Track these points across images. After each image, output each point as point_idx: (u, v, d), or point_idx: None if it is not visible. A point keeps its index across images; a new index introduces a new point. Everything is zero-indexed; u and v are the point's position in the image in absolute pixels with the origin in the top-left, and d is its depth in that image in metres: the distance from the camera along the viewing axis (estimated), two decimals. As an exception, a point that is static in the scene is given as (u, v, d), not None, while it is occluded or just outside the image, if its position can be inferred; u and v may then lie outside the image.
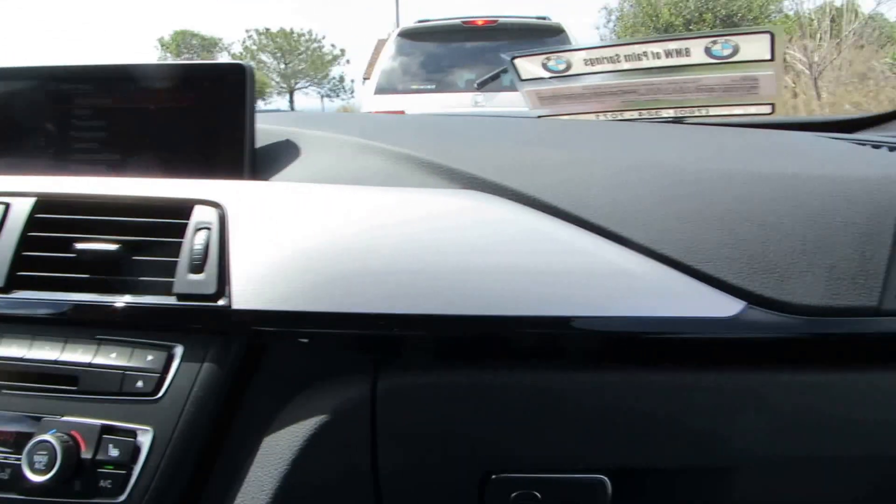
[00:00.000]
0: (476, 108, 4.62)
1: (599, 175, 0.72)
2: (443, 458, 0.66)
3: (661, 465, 0.67)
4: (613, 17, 20.66)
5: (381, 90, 4.93)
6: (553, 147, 0.84)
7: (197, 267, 0.65)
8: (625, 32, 19.67)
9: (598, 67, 1.10)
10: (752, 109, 1.09)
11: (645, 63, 1.06)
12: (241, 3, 71.12)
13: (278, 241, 0.65)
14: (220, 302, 0.63)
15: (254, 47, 38.03)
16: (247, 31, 47.51)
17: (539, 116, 1.25)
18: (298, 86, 38.98)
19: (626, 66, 1.07)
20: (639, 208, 0.67)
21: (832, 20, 12.70)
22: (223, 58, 39.01)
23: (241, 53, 38.02)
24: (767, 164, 0.76)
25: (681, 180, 0.71)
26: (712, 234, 0.65)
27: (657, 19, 18.51)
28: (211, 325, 0.65)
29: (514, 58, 1.16)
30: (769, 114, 1.09)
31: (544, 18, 5.29)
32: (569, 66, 1.12)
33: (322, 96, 39.89)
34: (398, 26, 5.48)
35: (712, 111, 1.13)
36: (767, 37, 0.95)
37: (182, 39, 37.84)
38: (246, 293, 0.63)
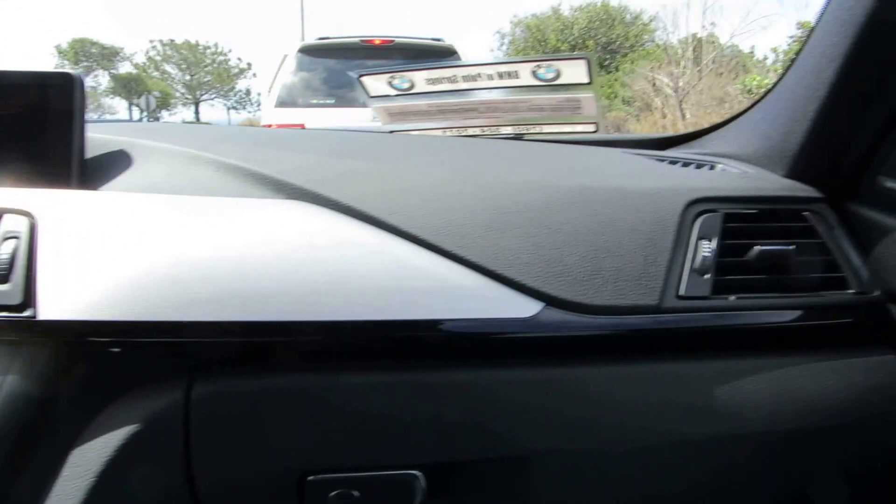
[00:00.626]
0: (374, 122, 4.70)
1: (415, 187, 0.76)
2: (259, 462, 0.67)
3: (471, 457, 0.71)
4: (506, 41, 21.43)
5: (281, 104, 5.03)
6: (377, 160, 0.88)
7: (2, 277, 0.63)
8: (517, 54, 20.44)
9: (438, 87, 1.16)
10: (580, 128, 1.19)
11: (480, 84, 1.13)
12: (146, 14, 67.61)
13: (91, 250, 0.65)
14: (26, 313, 0.62)
15: (158, 58, 36.82)
16: (151, 41, 45.58)
17: (392, 132, 1.30)
18: (204, 97, 38.08)
19: (464, 85, 1.14)
20: (450, 218, 0.72)
21: (694, 49, 13.80)
22: (125, 67, 36.84)
23: (145, 63, 36.57)
24: (568, 178, 0.84)
25: (489, 192, 0.77)
26: (514, 241, 0.71)
27: (545, 44, 19.40)
28: (16, 336, 0.64)
29: (360, 76, 1.19)
30: (594, 132, 1.20)
31: (438, 40, 5.56)
32: (412, 85, 1.17)
33: (228, 108, 39.01)
34: (314, 40, 5.57)
35: (546, 129, 1.22)
36: (584, 62, 1.05)
37: (80, 47, 35.71)
38: (53, 303, 0.62)
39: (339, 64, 5.20)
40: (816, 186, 0.87)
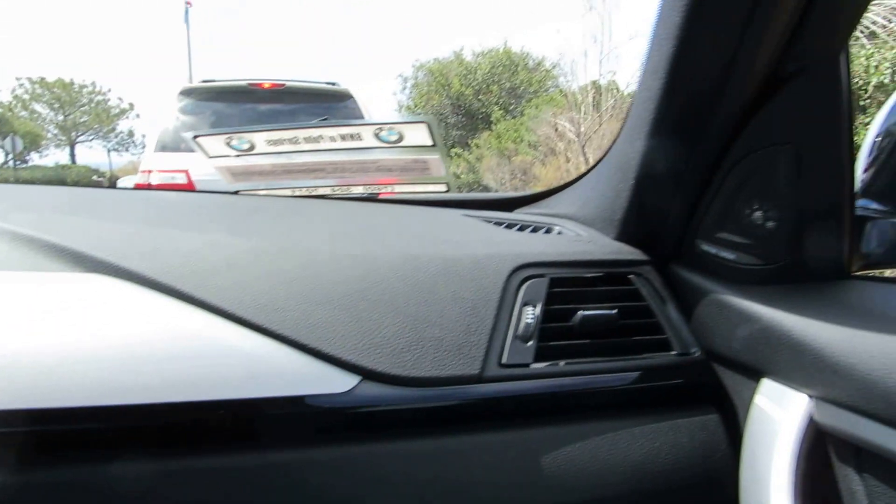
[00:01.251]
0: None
1: (229, 258, 0.72)
2: None
3: None
4: (409, 85, 21.74)
5: (162, 148, 4.67)
6: (194, 229, 0.82)
7: None
8: (420, 99, 20.75)
9: (280, 148, 1.11)
10: (431, 188, 1.17)
11: (323, 145, 1.09)
12: (19, 51, 63.82)
13: None
14: None
15: (26, 96, 34.31)
16: (17, 78, 42.57)
17: (237, 192, 1.23)
18: (81, 139, 35.83)
19: (306, 147, 1.09)
20: (263, 291, 0.68)
21: (594, 96, 14.49)
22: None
23: (11, 102, 34.10)
24: (394, 247, 0.81)
25: (307, 264, 0.73)
26: (330, 314, 0.68)
27: (448, 88, 19.82)
28: None
29: (195, 136, 1.13)
30: (446, 191, 1.18)
31: (333, 84, 5.33)
32: (252, 146, 1.12)
33: (109, 150, 36.91)
34: (197, 82, 5.27)
35: (397, 189, 1.19)
36: (425, 126, 1.03)
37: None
38: None
39: (227, 107, 4.97)
40: (643, 249, 0.88)
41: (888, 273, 0.96)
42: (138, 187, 4.42)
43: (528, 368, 0.72)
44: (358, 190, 1.19)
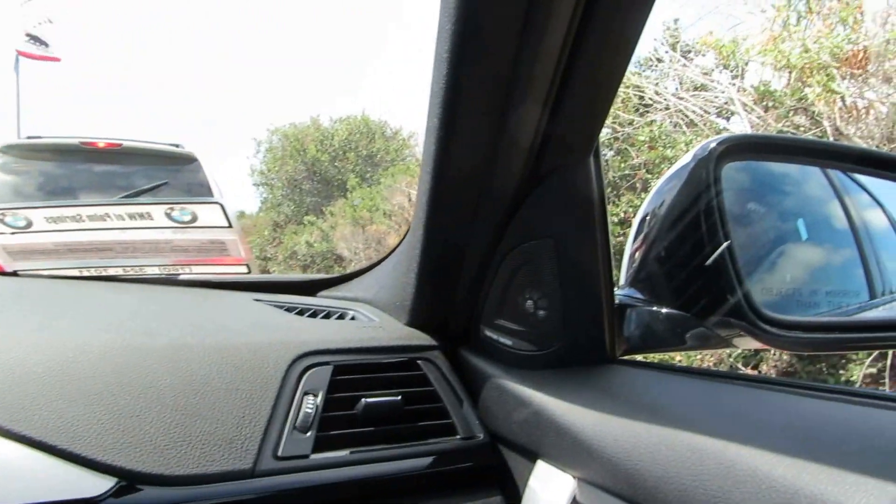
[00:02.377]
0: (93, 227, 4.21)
1: None
2: None
3: None
4: (262, 149, 21.37)
5: None
6: None
7: None
8: (274, 163, 20.42)
9: (62, 226, 1.05)
10: (231, 269, 1.15)
11: (109, 224, 1.04)
12: None
13: None
14: None
15: None
16: None
17: (15, 272, 1.14)
18: None
19: (91, 225, 1.04)
20: (6, 387, 0.63)
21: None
22: None
23: None
24: (167, 335, 0.78)
25: (60, 354, 0.69)
26: (85, 411, 0.63)
27: (304, 153, 19.70)
28: None
29: (-38, 212, 1.04)
30: (247, 272, 1.16)
31: (176, 146, 5.10)
32: (30, 224, 1.04)
33: None
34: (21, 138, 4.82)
35: (195, 269, 1.15)
36: (218, 207, 1.02)
37: None
38: None
39: (57, 167, 4.60)
40: (434, 334, 0.91)
41: (649, 357, 1.05)
42: None
43: (306, 460, 0.70)
44: (153, 270, 1.14)
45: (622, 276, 0.87)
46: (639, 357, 0.95)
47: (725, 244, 0.74)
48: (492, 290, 0.86)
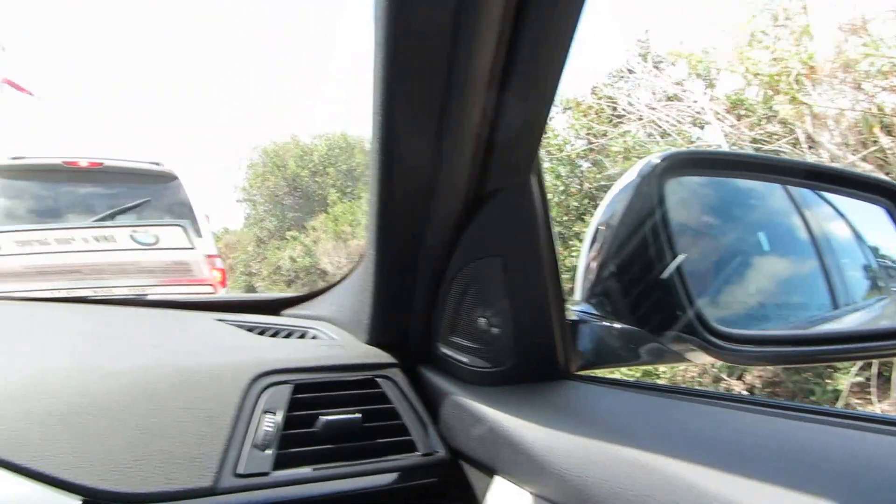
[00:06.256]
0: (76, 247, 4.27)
1: None
2: None
3: None
4: (243, 165, 21.27)
5: None
6: None
7: None
8: (255, 179, 20.33)
9: (29, 249, 1.06)
10: (197, 289, 1.16)
11: (75, 247, 1.06)
12: None
13: None
14: None
15: None
16: None
17: (-16, 295, 1.15)
18: None
19: (58, 248, 1.06)
20: None
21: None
22: None
23: None
24: (127, 357, 0.79)
25: (25, 376, 0.70)
26: (45, 431, 0.64)
27: (284, 169, 19.62)
28: None
29: (-73, 237, 1.05)
30: (213, 293, 1.18)
31: (157, 164, 5.14)
32: (-3, 248, 1.06)
33: None
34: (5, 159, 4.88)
35: (162, 290, 1.17)
36: (180, 229, 1.04)
37: None
38: None
39: (40, 187, 4.65)
40: (394, 351, 0.92)
41: (604, 372, 1.04)
42: None
43: (266, 477, 0.71)
44: (122, 291, 1.16)
45: (578, 290, 0.88)
46: (599, 372, 0.96)
47: (677, 260, 0.75)
48: (446, 308, 0.87)
